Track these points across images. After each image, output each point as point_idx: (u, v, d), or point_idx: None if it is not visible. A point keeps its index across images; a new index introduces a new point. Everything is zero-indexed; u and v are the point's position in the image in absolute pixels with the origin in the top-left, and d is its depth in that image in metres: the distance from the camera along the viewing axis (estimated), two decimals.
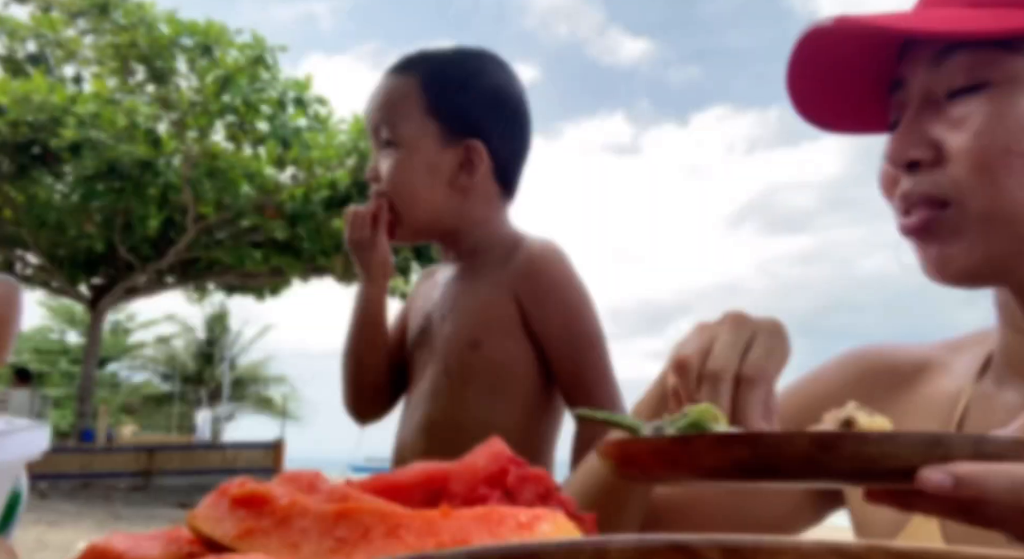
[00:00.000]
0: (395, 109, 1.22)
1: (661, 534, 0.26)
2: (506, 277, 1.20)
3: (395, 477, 0.64)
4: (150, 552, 0.53)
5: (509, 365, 1.19)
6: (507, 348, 1.19)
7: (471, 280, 1.24)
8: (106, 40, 11.40)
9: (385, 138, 1.22)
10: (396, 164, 1.21)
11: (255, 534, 0.49)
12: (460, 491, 0.62)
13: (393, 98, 1.23)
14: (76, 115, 11.47)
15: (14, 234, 13.67)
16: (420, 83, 1.23)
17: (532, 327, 1.19)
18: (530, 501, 0.60)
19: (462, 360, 1.20)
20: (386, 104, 1.23)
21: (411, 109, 1.22)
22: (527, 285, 1.18)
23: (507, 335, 1.19)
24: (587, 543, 0.26)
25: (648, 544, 0.25)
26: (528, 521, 0.45)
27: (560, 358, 1.18)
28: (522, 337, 1.19)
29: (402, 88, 1.23)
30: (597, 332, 1.20)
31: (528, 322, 1.19)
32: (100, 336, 16.59)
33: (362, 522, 0.48)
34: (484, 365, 1.19)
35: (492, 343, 1.19)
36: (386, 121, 1.22)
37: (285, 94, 12.07)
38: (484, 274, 1.22)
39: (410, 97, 1.22)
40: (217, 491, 0.54)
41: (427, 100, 1.22)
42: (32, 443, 0.71)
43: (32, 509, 10.34)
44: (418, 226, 1.25)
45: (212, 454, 16.41)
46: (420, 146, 1.21)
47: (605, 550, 0.25)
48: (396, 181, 1.21)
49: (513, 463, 0.63)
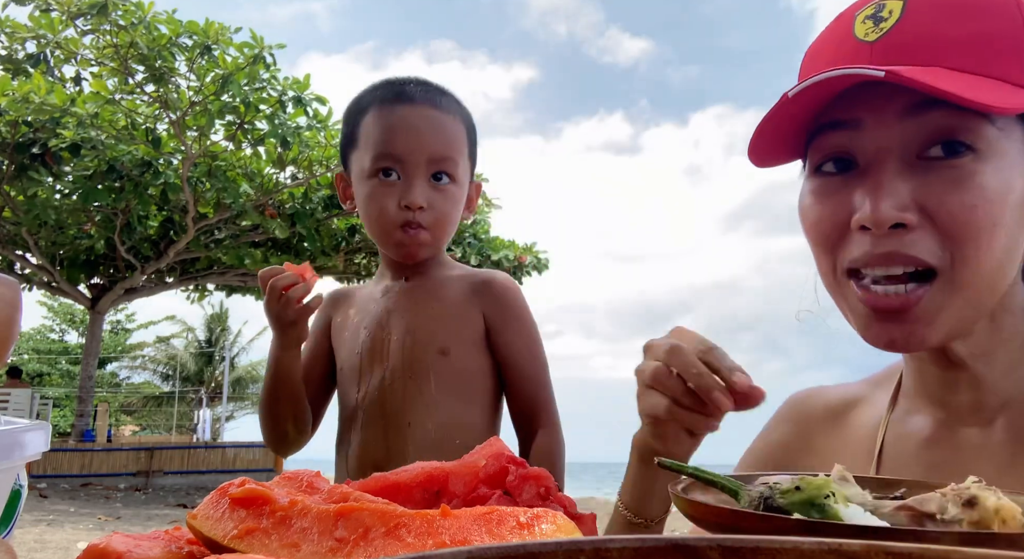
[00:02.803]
0: (455, 149, 1.38)
1: (661, 535, 0.26)
2: (473, 296, 1.39)
3: (395, 477, 0.64)
4: (150, 552, 0.52)
5: (474, 371, 1.37)
6: (472, 357, 1.37)
7: (435, 295, 1.41)
8: (106, 40, 11.38)
9: (442, 172, 1.36)
10: (452, 202, 1.37)
11: (255, 534, 0.49)
12: (460, 491, 0.62)
13: (454, 139, 1.38)
14: (76, 115, 11.45)
15: (14, 234, 13.66)
16: (464, 127, 1.40)
17: (496, 343, 1.38)
18: (530, 501, 0.60)
19: (430, 365, 1.36)
20: (449, 144, 1.37)
21: (463, 150, 1.40)
22: (496, 308, 1.38)
23: (473, 346, 1.38)
24: (587, 543, 0.26)
25: (648, 544, 0.25)
26: (528, 521, 0.45)
27: (520, 377, 1.38)
28: (485, 349, 1.39)
29: (458, 131, 1.39)
30: (546, 358, 1.42)
31: (492, 338, 1.38)
32: (100, 336, 16.57)
33: (362, 522, 0.48)
34: (450, 370, 1.36)
35: (459, 351, 1.37)
36: (448, 158, 1.36)
37: (284, 93, 12.05)
38: (448, 290, 1.41)
39: (462, 140, 1.39)
40: (217, 491, 0.54)
41: (468, 144, 1.41)
42: (32, 443, 0.70)
43: (32, 509, 10.34)
44: (437, 252, 1.42)
45: (212, 454, 16.39)
46: (464, 184, 1.40)
47: (605, 550, 0.25)
48: (450, 217, 1.38)
49: (513, 463, 0.63)
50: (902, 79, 0.62)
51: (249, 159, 13.20)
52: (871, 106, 0.69)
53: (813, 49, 0.77)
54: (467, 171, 1.41)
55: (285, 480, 0.62)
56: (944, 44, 0.67)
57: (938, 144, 0.66)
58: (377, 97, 1.39)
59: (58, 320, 33.73)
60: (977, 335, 0.72)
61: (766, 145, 0.75)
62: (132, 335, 34.65)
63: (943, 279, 0.66)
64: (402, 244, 1.35)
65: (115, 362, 33.96)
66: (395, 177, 1.34)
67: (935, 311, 0.67)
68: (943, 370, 0.75)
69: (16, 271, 14.88)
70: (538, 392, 1.38)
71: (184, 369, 32.05)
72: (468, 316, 1.38)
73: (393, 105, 1.36)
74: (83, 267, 15.18)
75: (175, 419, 25.23)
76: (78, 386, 16.52)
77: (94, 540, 0.53)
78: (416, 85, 1.39)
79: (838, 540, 0.25)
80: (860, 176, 0.70)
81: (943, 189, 0.66)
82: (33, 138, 11.67)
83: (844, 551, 0.24)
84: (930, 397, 0.78)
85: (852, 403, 0.87)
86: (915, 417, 0.79)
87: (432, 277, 1.42)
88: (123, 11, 11.07)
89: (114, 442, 16.70)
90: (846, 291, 0.72)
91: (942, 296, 0.67)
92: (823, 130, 0.72)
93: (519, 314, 1.40)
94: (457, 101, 1.42)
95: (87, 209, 13.11)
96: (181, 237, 14.02)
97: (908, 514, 0.51)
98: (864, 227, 0.68)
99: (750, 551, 0.25)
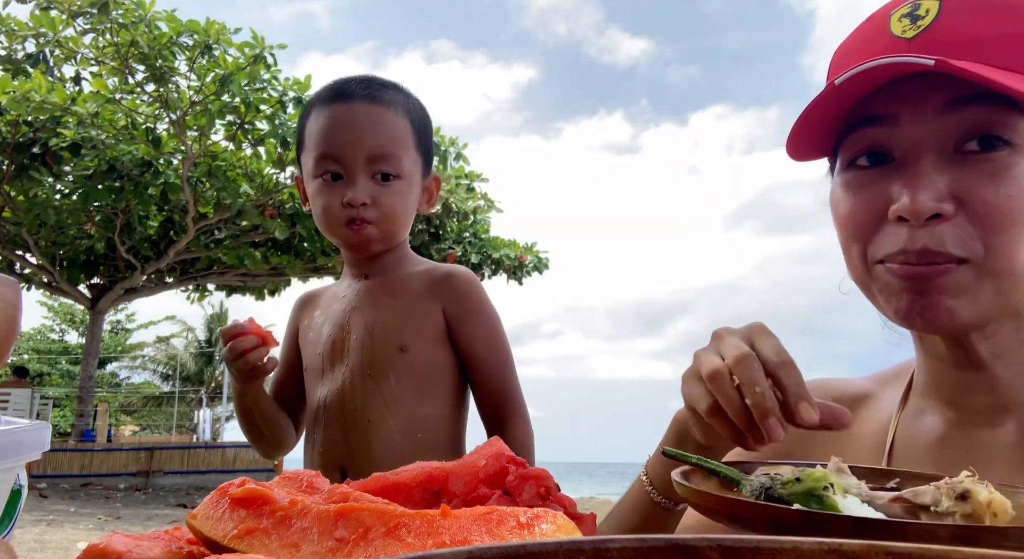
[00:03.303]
0: (397, 143, 1.36)
1: (661, 534, 0.26)
2: (431, 291, 1.39)
3: (395, 477, 0.64)
4: (150, 552, 0.52)
5: (434, 367, 1.37)
6: (432, 352, 1.37)
7: (393, 292, 1.41)
8: (106, 39, 11.37)
9: (384, 170, 1.35)
10: (398, 196, 1.36)
11: (255, 534, 0.49)
12: (460, 491, 0.62)
13: (396, 135, 1.37)
14: (76, 115, 11.44)
15: (14, 234, 13.66)
16: (411, 122, 1.39)
17: (457, 338, 1.38)
18: (530, 501, 0.60)
19: (389, 362, 1.36)
20: (390, 140, 1.36)
21: (407, 144, 1.38)
22: (454, 303, 1.38)
23: (432, 341, 1.37)
24: (587, 543, 0.26)
25: (648, 544, 0.25)
26: (528, 521, 0.45)
27: (484, 369, 1.38)
28: (446, 345, 1.38)
29: (402, 127, 1.38)
30: (509, 348, 1.42)
31: (453, 333, 1.38)
32: (100, 336, 16.57)
33: (362, 522, 0.48)
34: (409, 366, 1.36)
35: (418, 347, 1.37)
36: (389, 155, 1.35)
37: (285, 94, 12.04)
38: (407, 287, 1.41)
39: (405, 133, 1.38)
40: (217, 491, 0.54)
41: (415, 138, 1.40)
42: (32, 443, 0.70)
43: (32, 509, 10.34)
44: (388, 245, 1.42)
45: (212, 454, 16.38)
46: (412, 178, 1.39)
47: (605, 550, 0.25)
48: (397, 210, 1.37)
49: (513, 463, 0.63)
50: (952, 68, 0.63)
51: (249, 159, 13.20)
52: (909, 101, 0.70)
53: (844, 47, 0.78)
54: (416, 164, 1.40)
55: (285, 480, 0.62)
56: (983, 42, 0.68)
57: (975, 139, 0.68)
58: (319, 97, 1.41)
59: (58, 320, 33.73)
60: (1001, 335, 0.72)
61: (805, 137, 0.75)
62: (132, 335, 34.67)
63: (974, 264, 0.67)
64: (349, 240, 1.37)
65: (115, 362, 33.96)
66: (336, 176, 1.35)
67: (964, 287, 0.68)
68: (960, 370, 0.75)
69: (16, 271, 14.87)
70: (502, 383, 1.38)
71: (184, 369, 32.05)
72: (427, 312, 1.38)
73: (331, 104, 1.37)
74: (83, 267, 15.17)
75: (175, 419, 25.22)
76: (78, 386, 16.51)
77: (94, 540, 0.53)
78: (357, 83, 1.39)
79: (838, 540, 0.25)
80: (896, 169, 0.71)
81: (979, 181, 0.67)
82: (33, 138, 11.66)
83: (844, 551, 0.24)
84: (943, 397, 0.77)
85: (860, 399, 0.87)
86: (927, 417, 0.79)
87: (392, 274, 1.43)
88: (124, 10, 11.06)
89: (114, 442, 16.70)
90: (877, 274, 0.73)
91: (972, 276, 0.67)
92: (859, 125, 0.73)
93: (478, 307, 1.39)
94: (404, 95, 1.41)
95: (87, 209, 13.10)
96: (181, 237, 14.02)
97: (903, 506, 0.53)
98: (902, 218, 0.69)
99: (750, 551, 0.25)
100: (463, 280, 1.41)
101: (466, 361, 1.39)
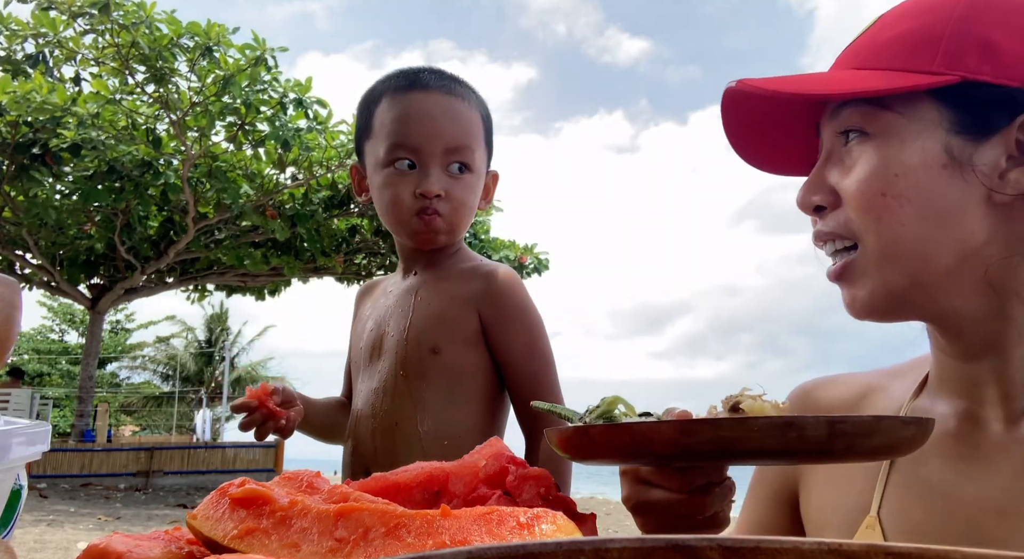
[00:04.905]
0: (472, 137, 1.35)
1: (661, 534, 0.26)
2: (469, 293, 1.34)
3: (395, 477, 0.64)
4: (150, 552, 0.52)
5: (467, 371, 1.33)
6: (466, 356, 1.33)
7: (432, 291, 1.37)
8: (106, 40, 11.36)
9: (460, 161, 1.34)
10: (469, 189, 1.35)
11: (255, 534, 0.49)
12: (460, 491, 0.62)
13: (472, 128, 1.36)
14: (76, 115, 11.44)
15: (14, 234, 13.66)
16: (482, 116, 1.39)
17: (493, 342, 1.33)
18: (530, 501, 0.60)
19: (422, 363, 1.33)
20: (466, 132, 1.35)
21: (479, 139, 1.37)
22: (492, 305, 1.33)
23: (466, 344, 1.33)
24: (587, 543, 0.26)
25: (648, 544, 0.25)
26: (528, 521, 0.45)
27: (520, 373, 1.33)
28: (482, 348, 1.34)
29: (475, 120, 1.37)
30: (551, 352, 1.37)
31: (489, 336, 1.33)
32: (100, 336, 16.57)
33: (362, 522, 0.48)
34: (442, 369, 1.32)
35: (451, 350, 1.32)
36: (464, 147, 1.34)
37: (286, 96, 12.03)
38: (445, 287, 1.37)
39: (478, 128, 1.38)
40: (217, 491, 0.54)
41: (484, 133, 1.39)
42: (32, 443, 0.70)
43: (32, 509, 10.33)
44: (452, 240, 1.39)
45: (212, 454, 16.38)
46: (481, 173, 1.39)
47: (605, 550, 0.25)
48: (467, 204, 1.36)
49: (513, 463, 0.63)
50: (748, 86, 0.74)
51: (249, 160, 13.20)
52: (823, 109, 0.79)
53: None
54: (483, 160, 1.38)
55: (285, 480, 0.62)
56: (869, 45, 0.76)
57: (845, 135, 0.76)
58: (391, 86, 1.36)
59: (58, 320, 33.74)
60: (986, 323, 0.72)
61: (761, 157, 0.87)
62: (132, 335, 34.67)
63: (862, 248, 0.75)
64: (417, 231, 1.34)
65: (115, 362, 33.96)
66: (410, 166, 1.32)
67: (860, 274, 0.75)
68: (964, 362, 0.75)
69: (16, 271, 14.87)
70: (538, 391, 1.31)
71: (184, 369, 32.05)
72: (462, 313, 1.33)
73: (407, 93, 1.34)
74: (83, 267, 15.17)
75: (175, 419, 25.22)
76: (78, 386, 16.51)
77: (94, 540, 0.53)
78: (431, 73, 1.37)
79: (838, 540, 0.25)
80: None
81: (841, 171, 0.76)
82: (33, 138, 11.65)
83: (844, 551, 0.24)
84: (955, 390, 0.77)
85: (866, 391, 0.87)
86: (938, 409, 0.79)
87: (437, 272, 1.39)
88: (124, 11, 11.06)
89: (114, 442, 16.69)
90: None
91: (865, 262, 0.74)
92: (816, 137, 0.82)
93: (516, 310, 1.33)
94: (472, 90, 1.40)
95: (87, 209, 13.10)
96: (181, 237, 14.02)
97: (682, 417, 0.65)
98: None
99: (750, 551, 0.25)
100: (501, 281, 1.34)
101: (502, 367, 1.34)
